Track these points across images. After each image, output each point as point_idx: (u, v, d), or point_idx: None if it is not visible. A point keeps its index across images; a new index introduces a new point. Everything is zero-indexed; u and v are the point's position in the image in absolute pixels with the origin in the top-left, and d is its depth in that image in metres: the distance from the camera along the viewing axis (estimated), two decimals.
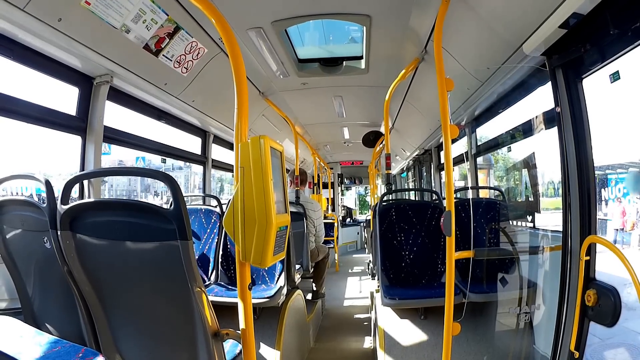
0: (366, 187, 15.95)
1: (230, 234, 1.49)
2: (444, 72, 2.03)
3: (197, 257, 3.38)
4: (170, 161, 4.63)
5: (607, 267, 1.77)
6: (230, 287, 3.13)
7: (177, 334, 1.54)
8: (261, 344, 2.78)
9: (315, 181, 8.33)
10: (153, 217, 1.36)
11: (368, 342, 3.93)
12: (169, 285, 1.45)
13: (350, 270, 7.89)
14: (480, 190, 4.63)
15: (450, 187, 2.03)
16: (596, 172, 1.99)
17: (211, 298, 2.78)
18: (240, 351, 1.53)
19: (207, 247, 3.47)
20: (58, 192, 1.51)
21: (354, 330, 4.40)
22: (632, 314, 1.81)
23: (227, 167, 5.03)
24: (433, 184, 6.36)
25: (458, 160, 4.70)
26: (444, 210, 2.00)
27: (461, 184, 5.44)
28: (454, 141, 2.04)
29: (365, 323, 4.53)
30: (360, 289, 6.41)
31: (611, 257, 1.67)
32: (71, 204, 1.44)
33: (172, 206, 1.31)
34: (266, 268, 3.22)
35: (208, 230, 3.51)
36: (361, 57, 3.59)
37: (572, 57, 1.92)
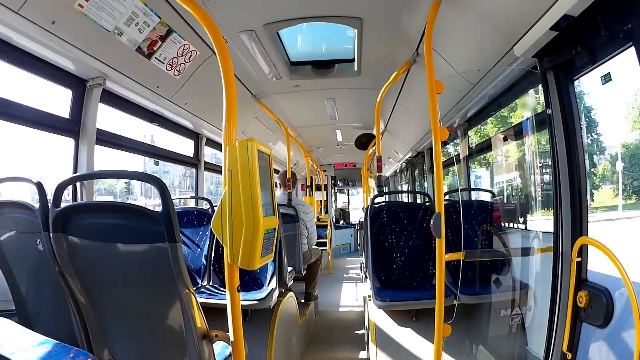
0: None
1: (218, 236, 1.49)
2: (434, 75, 2.03)
3: (189, 259, 3.39)
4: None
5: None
6: (222, 289, 3.11)
7: (167, 335, 1.55)
8: (253, 346, 2.78)
9: (308, 183, 8.34)
10: (142, 220, 1.36)
11: (361, 345, 3.93)
12: (159, 287, 1.46)
13: (345, 275, 7.88)
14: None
15: (440, 189, 2.02)
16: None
17: (203, 300, 2.80)
18: (231, 353, 1.53)
19: (199, 250, 3.46)
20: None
21: (347, 333, 4.40)
22: None
23: (219, 170, 5.01)
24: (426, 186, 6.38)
25: (449, 163, 4.73)
26: (435, 212, 2.01)
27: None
28: (446, 143, 2.05)
29: (359, 328, 4.53)
30: (354, 292, 6.40)
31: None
32: (63, 206, 1.45)
33: (161, 209, 1.31)
34: (258, 271, 3.21)
35: (200, 233, 3.50)
36: (353, 60, 3.60)
37: (563, 59, 1.93)
